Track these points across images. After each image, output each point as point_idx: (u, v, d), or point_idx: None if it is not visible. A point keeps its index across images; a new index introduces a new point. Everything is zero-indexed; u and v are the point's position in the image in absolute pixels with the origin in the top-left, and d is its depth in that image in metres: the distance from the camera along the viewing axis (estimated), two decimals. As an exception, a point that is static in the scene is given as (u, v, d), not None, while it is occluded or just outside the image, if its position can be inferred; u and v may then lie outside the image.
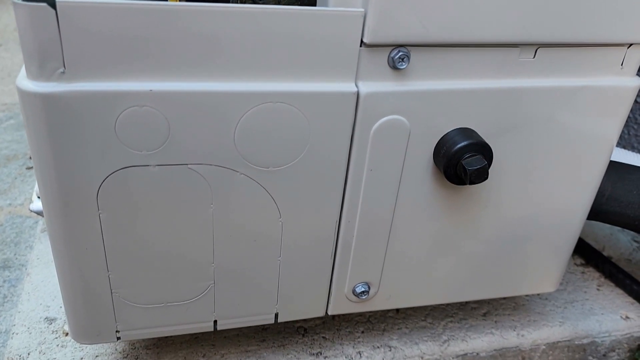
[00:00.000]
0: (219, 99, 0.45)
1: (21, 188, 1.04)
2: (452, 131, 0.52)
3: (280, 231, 0.54)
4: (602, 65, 0.54)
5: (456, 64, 0.49)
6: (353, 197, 0.53)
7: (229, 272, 0.55)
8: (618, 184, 0.66)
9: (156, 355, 0.66)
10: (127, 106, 0.43)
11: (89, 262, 0.51)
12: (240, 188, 0.50)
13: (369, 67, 0.47)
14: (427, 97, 0.49)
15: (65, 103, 0.42)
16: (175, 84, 0.44)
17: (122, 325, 0.56)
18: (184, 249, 0.52)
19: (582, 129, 0.56)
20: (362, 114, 0.49)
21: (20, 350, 0.65)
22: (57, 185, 0.46)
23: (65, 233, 0.49)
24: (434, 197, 0.56)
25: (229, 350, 0.68)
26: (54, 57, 0.41)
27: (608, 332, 0.79)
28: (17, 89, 0.42)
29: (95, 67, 0.42)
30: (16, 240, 0.89)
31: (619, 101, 0.55)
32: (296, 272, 0.57)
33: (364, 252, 0.57)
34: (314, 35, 0.45)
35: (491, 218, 0.59)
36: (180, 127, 0.45)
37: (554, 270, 0.68)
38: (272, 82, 0.46)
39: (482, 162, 0.50)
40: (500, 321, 0.77)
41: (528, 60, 0.51)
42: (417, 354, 0.71)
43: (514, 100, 0.52)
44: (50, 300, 0.73)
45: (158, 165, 0.47)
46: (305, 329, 0.73)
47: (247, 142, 0.48)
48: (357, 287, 0.60)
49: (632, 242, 0.98)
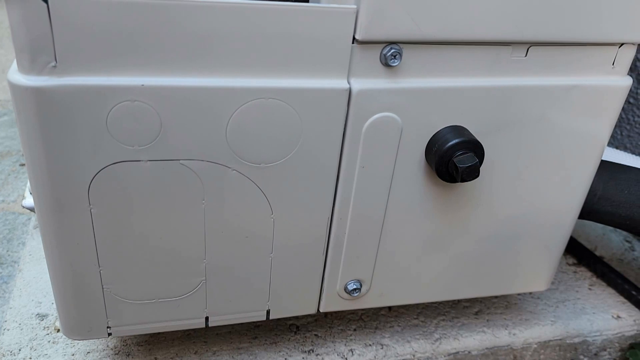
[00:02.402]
0: (211, 95, 0.45)
1: (14, 185, 1.04)
2: (444, 129, 0.52)
3: (272, 228, 0.54)
4: (593, 64, 0.54)
5: (448, 62, 0.50)
6: (345, 194, 0.53)
7: (220, 268, 0.55)
8: (610, 183, 0.66)
9: (148, 351, 0.66)
10: (119, 101, 0.43)
11: (80, 258, 0.50)
12: (232, 184, 0.50)
13: (361, 64, 0.47)
14: (419, 94, 0.50)
15: (56, 97, 0.42)
16: (167, 79, 0.44)
17: (114, 321, 0.55)
18: (175, 244, 0.52)
19: (573, 127, 0.56)
20: (354, 111, 0.49)
21: (11, 346, 0.65)
22: (48, 180, 0.46)
23: (56, 228, 0.48)
24: (426, 194, 0.56)
25: (220, 347, 0.68)
26: (45, 50, 0.41)
27: (599, 331, 0.79)
28: (8, 82, 0.42)
29: (87, 61, 0.42)
30: (9, 237, 0.89)
31: (610, 100, 0.56)
32: (288, 269, 0.57)
33: (356, 250, 0.57)
34: (306, 32, 0.45)
35: (482, 216, 0.60)
36: (172, 123, 0.45)
37: (545, 269, 0.68)
38: (264, 79, 0.46)
39: (474, 159, 0.50)
40: (492, 320, 0.78)
41: (520, 59, 0.51)
42: (409, 352, 0.71)
43: (506, 99, 0.52)
44: (42, 296, 0.73)
45: (150, 161, 0.47)
46: (298, 327, 0.73)
47: (239, 138, 0.48)
48: (349, 285, 0.60)
49: (624, 242, 0.98)
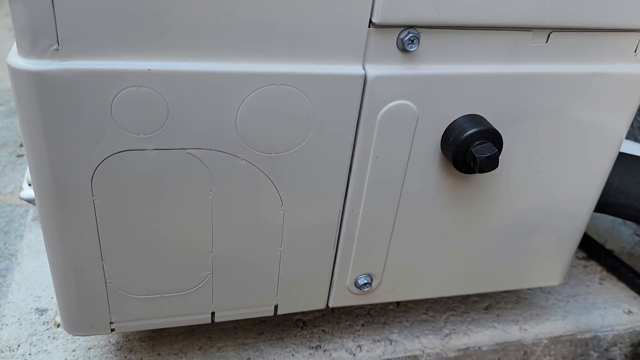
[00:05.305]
0: (220, 81, 0.43)
1: (11, 176, 1.01)
2: (461, 118, 0.50)
3: (282, 220, 0.52)
4: (615, 51, 0.52)
5: (467, 48, 0.48)
6: (357, 185, 0.51)
7: (228, 262, 0.53)
8: (626, 175, 0.64)
9: (151, 347, 0.65)
10: (124, 86, 0.41)
11: (82, 251, 0.49)
12: (241, 174, 0.48)
13: (377, 49, 0.45)
14: (436, 81, 0.48)
15: (58, 82, 0.40)
16: (175, 64, 0.42)
17: (117, 316, 0.54)
18: (181, 237, 0.50)
19: (593, 117, 0.54)
20: (369, 98, 0.47)
21: (10, 342, 0.63)
22: (49, 170, 0.44)
23: (58, 220, 0.46)
24: (441, 186, 0.54)
25: (225, 343, 0.66)
26: (47, 33, 0.38)
27: (610, 327, 0.78)
28: (7, 66, 0.40)
29: (91, 45, 0.40)
30: (6, 230, 0.86)
31: (631, 90, 0.54)
32: (297, 262, 0.55)
33: (368, 243, 0.56)
34: (320, 15, 0.42)
35: (499, 209, 0.58)
36: (179, 110, 0.43)
37: (558, 263, 0.66)
38: (276, 64, 0.44)
39: (493, 149, 0.48)
40: (503, 315, 0.76)
41: (540, 45, 0.49)
42: (418, 347, 0.69)
43: (525, 86, 0.50)
44: (42, 290, 0.71)
45: (156, 150, 0.45)
46: (304, 322, 0.71)
47: (249, 127, 0.46)
48: (360, 279, 0.58)
49: (634, 235, 0.97)
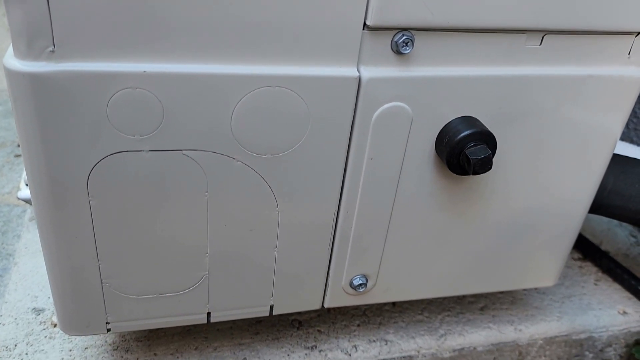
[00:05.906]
0: (215, 82, 0.43)
1: (9, 176, 1.01)
2: (456, 119, 0.50)
3: (277, 221, 0.52)
4: (608, 54, 0.52)
5: (461, 50, 0.48)
6: (352, 186, 0.52)
7: (223, 262, 0.53)
8: (620, 177, 0.64)
9: (147, 347, 0.65)
10: (120, 88, 0.41)
11: (78, 251, 0.49)
12: (236, 175, 0.48)
13: (371, 51, 0.46)
14: (430, 83, 0.48)
15: (54, 83, 0.40)
16: (170, 66, 0.42)
17: (113, 316, 0.54)
18: (177, 238, 0.50)
19: (587, 119, 0.55)
20: (363, 100, 0.47)
21: (6, 342, 0.64)
22: (45, 171, 0.44)
23: (54, 221, 0.47)
24: (436, 187, 0.54)
25: (221, 343, 0.67)
26: (43, 34, 0.39)
27: (605, 327, 0.78)
28: (4, 68, 0.40)
29: (87, 46, 0.40)
30: (3, 230, 0.87)
31: (625, 92, 0.54)
32: (293, 263, 0.56)
33: (363, 244, 0.56)
34: (314, 17, 0.43)
35: (493, 210, 0.58)
36: (174, 111, 0.44)
37: (553, 263, 0.67)
38: (271, 66, 0.44)
39: (486, 151, 0.48)
40: (498, 315, 0.76)
41: (534, 48, 0.50)
42: (414, 348, 0.70)
43: (519, 89, 0.51)
44: (38, 290, 0.71)
45: (151, 151, 0.45)
46: (300, 322, 0.71)
47: (244, 128, 0.46)
48: (355, 280, 0.58)
49: (629, 237, 0.97)
